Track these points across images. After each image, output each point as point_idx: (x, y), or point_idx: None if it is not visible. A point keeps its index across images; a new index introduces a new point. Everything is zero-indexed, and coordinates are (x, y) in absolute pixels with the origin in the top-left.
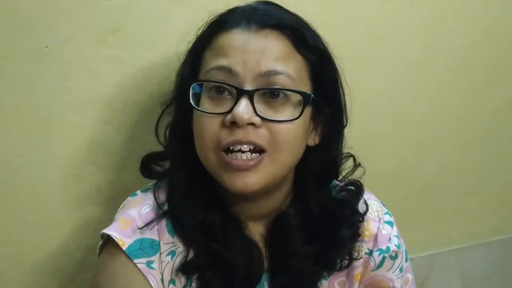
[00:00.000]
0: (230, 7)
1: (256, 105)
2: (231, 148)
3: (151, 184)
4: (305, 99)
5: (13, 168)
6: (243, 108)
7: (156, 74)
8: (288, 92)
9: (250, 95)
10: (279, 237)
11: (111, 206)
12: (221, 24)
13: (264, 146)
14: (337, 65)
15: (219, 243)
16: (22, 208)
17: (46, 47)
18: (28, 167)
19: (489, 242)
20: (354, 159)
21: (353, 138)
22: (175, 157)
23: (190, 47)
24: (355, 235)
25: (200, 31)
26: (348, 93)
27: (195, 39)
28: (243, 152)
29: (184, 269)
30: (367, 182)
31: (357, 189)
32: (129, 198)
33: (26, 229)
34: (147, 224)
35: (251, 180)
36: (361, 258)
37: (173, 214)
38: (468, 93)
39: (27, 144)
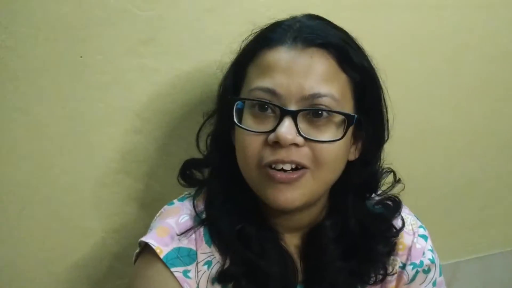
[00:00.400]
0: (265, 19)
1: (299, 125)
2: (273, 166)
3: (186, 193)
4: (349, 120)
5: (45, 176)
6: (287, 128)
7: (187, 84)
8: (332, 113)
9: (293, 115)
10: (315, 249)
11: (140, 214)
12: (266, 40)
13: (306, 164)
14: (381, 82)
15: (255, 253)
16: (52, 216)
17: (81, 57)
18: (59, 176)
19: None
20: (395, 174)
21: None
22: (216, 166)
23: (233, 59)
24: (391, 251)
25: (243, 44)
26: (390, 106)
27: (239, 52)
28: (285, 170)
29: (220, 277)
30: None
31: (395, 205)
32: (166, 206)
33: (56, 236)
34: (185, 232)
35: (293, 196)
36: (395, 273)
37: (211, 222)
38: (495, 102)
39: (59, 152)
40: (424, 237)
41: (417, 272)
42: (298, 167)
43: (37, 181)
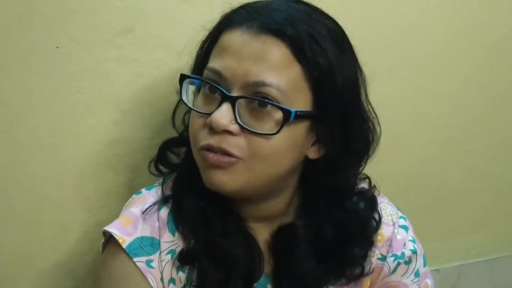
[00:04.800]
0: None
1: (241, 112)
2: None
3: (157, 182)
4: (286, 116)
5: (24, 169)
6: (222, 113)
7: (167, 75)
8: (271, 105)
9: (232, 101)
10: (285, 247)
11: (122, 208)
12: (227, 22)
13: (236, 154)
14: (360, 86)
15: (217, 233)
16: (33, 210)
17: (57, 47)
18: (39, 168)
19: None
20: (370, 181)
21: None
22: (188, 143)
23: (202, 39)
24: (368, 252)
25: (211, 26)
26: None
27: (205, 36)
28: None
29: (182, 258)
30: (388, 188)
31: (370, 204)
32: (133, 195)
33: (38, 230)
34: (149, 207)
35: (225, 179)
36: (372, 272)
37: (175, 197)
38: (493, 93)
39: (38, 145)
40: (404, 227)
41: (398, 263)
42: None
43: (15, 173)
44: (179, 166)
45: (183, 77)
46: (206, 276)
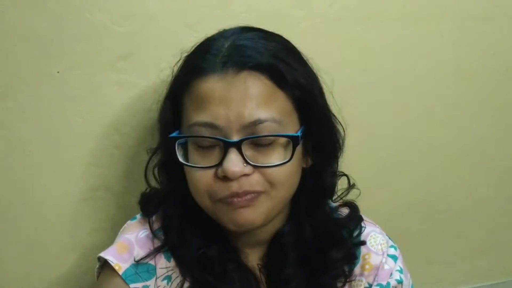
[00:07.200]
0: None
1: (246, 153)
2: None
3: None
4: (294, 141)
5: (24, 192)
6: (233, 161)
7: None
8: (276, 137)
9: (237, 146)
10: (276, 258)
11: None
12: (196, 69)
13: (260, 190)
14: (323, 89)
15: (216, 276)
16: (32, 231)
17: (58, 72)
18: (38, 191)
19: None
20: (348, 179)
21: (374, 164)
22: (169, 195)
23: (167, 90)
24: (348, 257)
25: (175, 72)
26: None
27: (171, 82)
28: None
29: None
30: (389, 212)
31: (352, 211)
32: (129, 221)
33: (37, 252)
34: (143, 258)
35: (252, 216)
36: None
37: (170, 248)
38: (498, 117)
39: (39, 168)
40: (393, 257)
41: None
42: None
43: (17, 196)
44: (165, 211)
45: (174, 140)
46: None
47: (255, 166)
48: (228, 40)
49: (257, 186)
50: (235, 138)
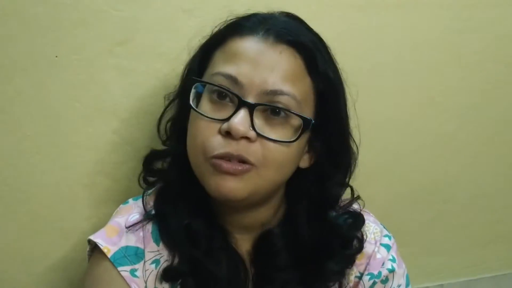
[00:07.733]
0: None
1: (255, 120)
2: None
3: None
4: (305, 125)
5: (23, 176)
6: (241, 119)
7: (165, 84)
8: (290, 113)
9: (251, 108)
10: (265, 256)
11: None
12: (238, 28)
13: (253, 161)
14: (347, 97)
15: (202, 252)
16: (31, 216)
17: (56, 56)
18: (37, 176)
19: None
20: (352, 190)
21: (376, 154)
22: (173, 154)
23: (202, 43)
24: (344, 270)
25: (216, 29)
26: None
27: (209, 36)
28: (230, 160)
29: (166, 274)
30: (391, 202)
31: (356, 222)
32: (121, 205)
33: (36, 237)
34: (132, 225)
35: (236, 186)
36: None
37: (159, 216)
38: (503, 110)
39: (37, 152)
40: (386, 246)
41: (374, 282)
42: (244, 161)
43: (15, 181)
44: (164, 175)
45: (193, 81)
46: None
47: (258, 135)
48: (275, 16)
49: (252, 156)
50: (252, 100)
